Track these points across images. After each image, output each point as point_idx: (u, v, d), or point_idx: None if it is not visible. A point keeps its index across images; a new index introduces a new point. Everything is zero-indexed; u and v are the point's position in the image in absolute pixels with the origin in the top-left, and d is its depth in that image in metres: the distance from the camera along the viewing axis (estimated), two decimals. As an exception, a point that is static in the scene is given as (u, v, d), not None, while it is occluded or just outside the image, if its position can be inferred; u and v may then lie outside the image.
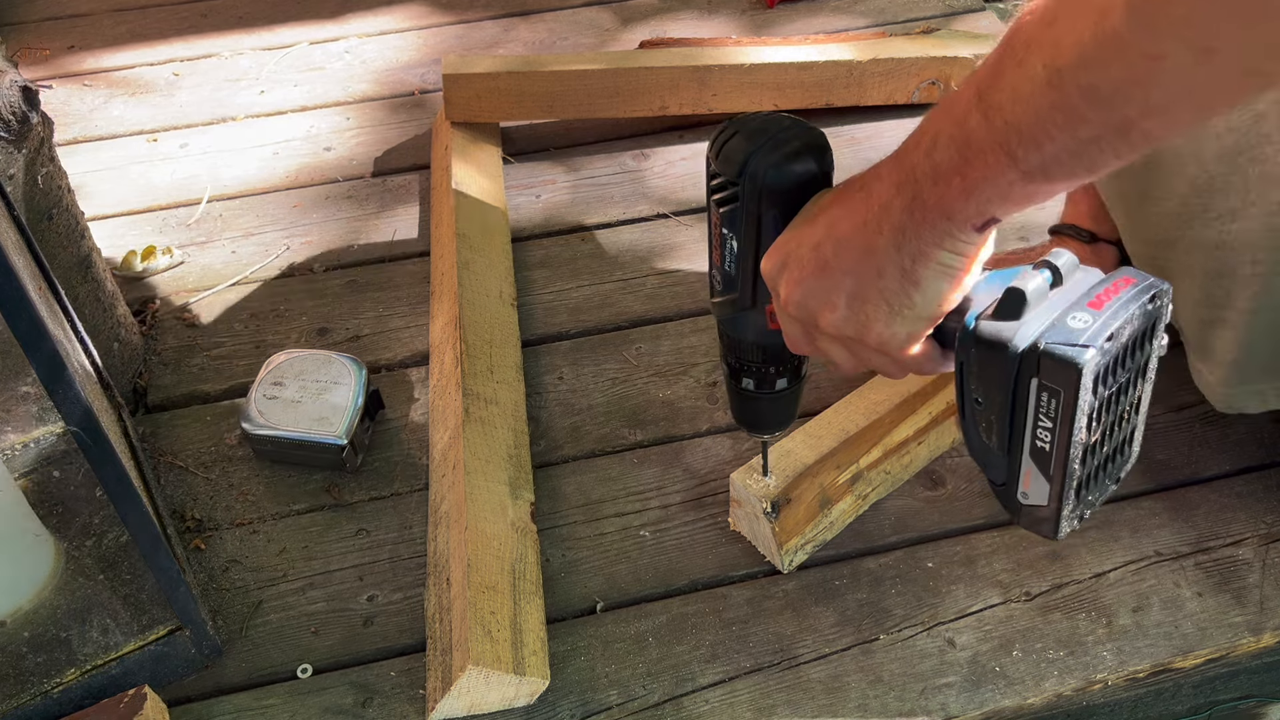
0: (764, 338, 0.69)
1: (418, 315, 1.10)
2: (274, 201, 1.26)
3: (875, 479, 0.88)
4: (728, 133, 0.63)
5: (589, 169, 1.28)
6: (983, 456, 0.61)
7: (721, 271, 0.67)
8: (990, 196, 0.52)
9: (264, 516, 0.92)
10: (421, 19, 1.57)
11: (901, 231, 0.55)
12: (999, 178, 0.50)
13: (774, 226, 0.62)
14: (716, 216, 0.64)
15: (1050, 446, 0.56)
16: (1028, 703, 0.78)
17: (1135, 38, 0.42)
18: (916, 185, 0.54)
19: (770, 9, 1.53)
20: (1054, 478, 0.58)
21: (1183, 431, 0.94)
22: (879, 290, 0.57)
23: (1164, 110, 0.45)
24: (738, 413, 0.76)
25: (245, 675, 0.82)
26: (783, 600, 0.84)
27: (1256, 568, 0.84)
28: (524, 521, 0.87)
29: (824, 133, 0.63)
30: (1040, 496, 0.59)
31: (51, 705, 0.77)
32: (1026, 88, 0.47)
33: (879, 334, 0.59)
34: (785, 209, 0.62)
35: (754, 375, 0.72)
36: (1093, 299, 0.55)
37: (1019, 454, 0.58)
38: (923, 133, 0.54)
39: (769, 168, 0.61)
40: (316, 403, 0.94)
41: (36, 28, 1.58)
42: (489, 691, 0.76)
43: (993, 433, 0.59)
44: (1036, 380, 0.55)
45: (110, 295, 1.01)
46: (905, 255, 0.56)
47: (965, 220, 0.53)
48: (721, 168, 0.63)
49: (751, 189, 0.62)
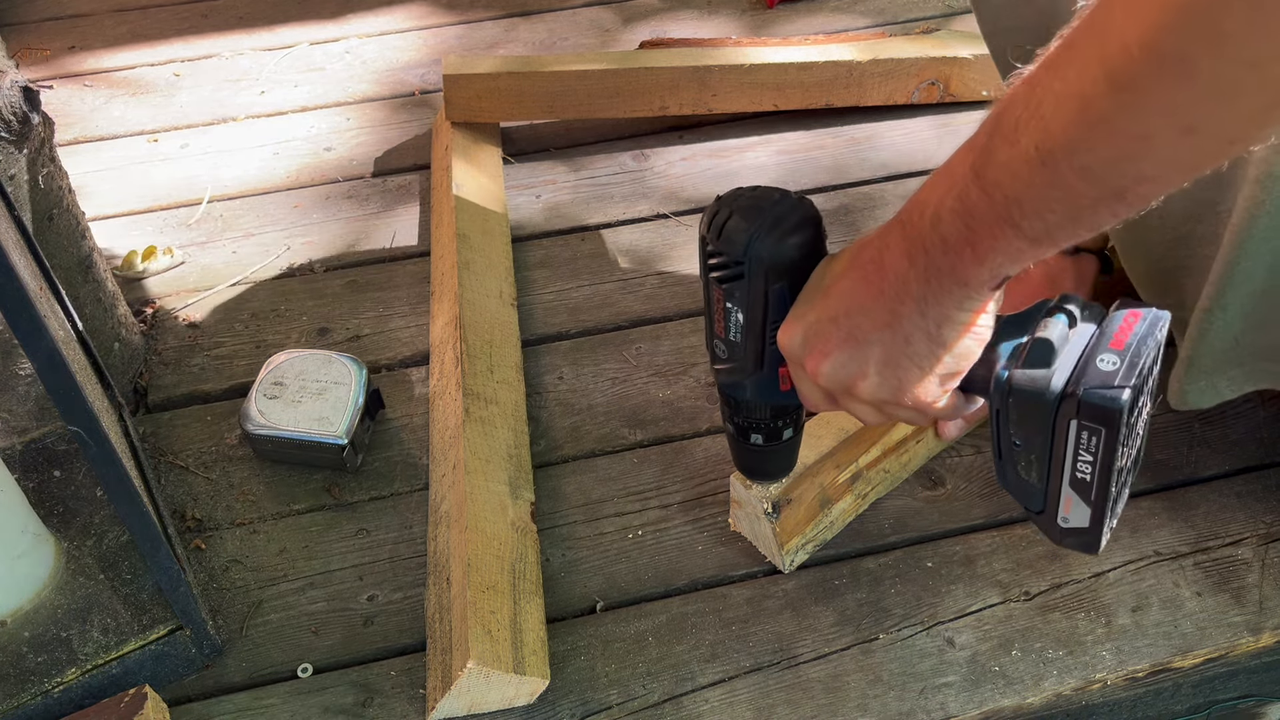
0: (774, 398, 0.71)
1: (418, 315, 1.10)
2: (274, 202, 1.26)
3: (875, 478, 0.88)
4: (723, 214, 0.65)
5: (589, 169, 1.28)
6: (1020, 490, 0.65)
7: (726, 342, 0.69)
8: (1001, 262, 0.54)
9: (264, 516, 0.93)
10: (422, 19, 1.57)
11: (923, 300, 0.58)
12: (1007, 246, 0.53)
13: (781, 297, 0.65)
14: (719, 292, 0.66)
15: (1091, 477, 0.61)
16: (1027, 702, 0.78)
17: (1121, 122, 0.44)
18: (928, 256, 0.56)
19: (770, 9, 1.53)
20: (1095, 503, 0.62)
21: (1182, 431, 0.94)
22: (908, 356, 0.60)
23: (1156, 178, 0.47)
24: (747, 466, 0.79)
25: (245, 675, 0.82)
26: (782, 600, 0.84)
27: (1255, 567, 0.84)
28: (524, 521, 0.87)
29: (811, 201, 0.66)
30: (1081, 520, 0.63)
31: (52, 705, 0.77)
32: (1022, 168, 0.49)
33: (914, 395, 0.62)
34: (792, 280, 0.65)
35: (762, 431, 0.74)
36: (1113, 339, 0.59)
37: (1058, 485, 0.63)
38: (924, 203, 0.56)
39: (774, 245, 0.63)
40: (317, 403, 0.94)
41: (37, 28, 1.58)
42: (489, 691, 0.76)
43: (1032, 470, 0.63)
44: (1076, 422, 0.59)
45: (111, 295, 1.01)
46: (930, 321, 0.59)
47: (981, 284, 0.56)
48: (724, 248, 0.64)
49: (758, 267, 0.64)
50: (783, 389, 0.69)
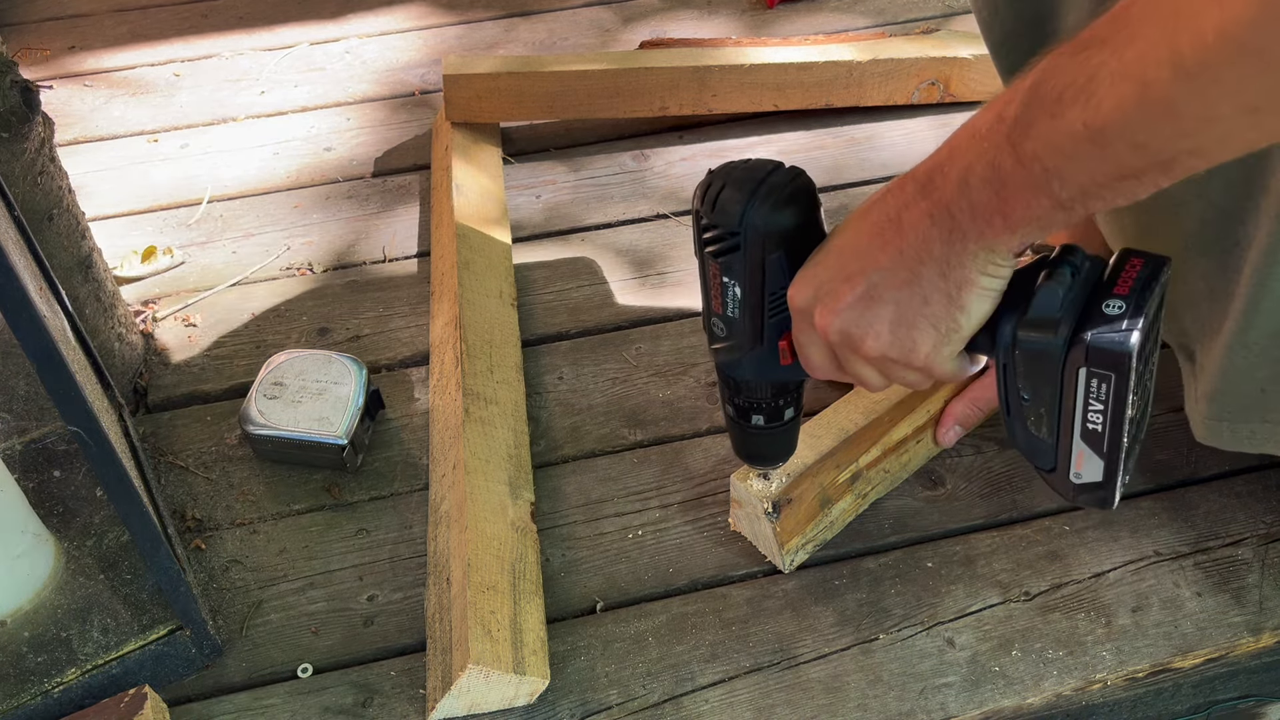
0: (774, 374, 0.71)
1: (418, 315, 1.10)
2: (274, 202, 1.26)
3: (875, 478, 0.88)
4: (715, 186, 0.64)
5: (589, 169, 1.28)
6: (1030, 448, 0.65)
7: (724, 319, 0.68)
8: (1032, 230, 0.54)
9: (264, 516, 0.93)
10: (422, 19, 1.57)
11: (945, 262, 0.58)
12: (1041, 215, 0.53)
13: (778, 266, 0.65)
14: (715, 266, 0.66)
15: (1103, 427, 0.61)
16: (1027, 702, 0.78)
17: (1189, 105, 0.44)
18: (954, 220, 0.56)
19: (770, 9, 1.53)
20: (1108, 454, 0.62)
21: (1182, 431, 0.94)
22: (925, 316, 0.60)
23: (1208, 152, 0.47)
24: (748, 450, 0.78)
25: (245, 675, 0.82)
26: (782, 600, 0.84)
27: (1256, 568, 0.84)
28: (524, 521, 0.87)
29: (804, 171, 0.66)
30: (1094, 474, 0.63)
31: (52, 705, 0.77)
32: (1066, 141, 0.49)
33: (925, 355, 0.62)
34: (789, 249, 0.64)
35: (763, 411, 0.74)
36: (1117, 284, 0.59)
37: (1069, 439, 0.62)
38: (947, 167, 0.56)
39: (769, 213, 0.63)
40: (317, 403, 0.94)
41: (37, 28, 1.58)
42: (489, 691, 0.76)
43: (1042, 424, 0.63)
44: (1085, 369, 0.58)
45: (111, 295, 1.01)
46: (950, 283, 0.58)
47: (1007, 249, 0.57)
48: (718, 219, 0.64)
49: (754, 236, 0.63)
50: (783, 363, 0.69)
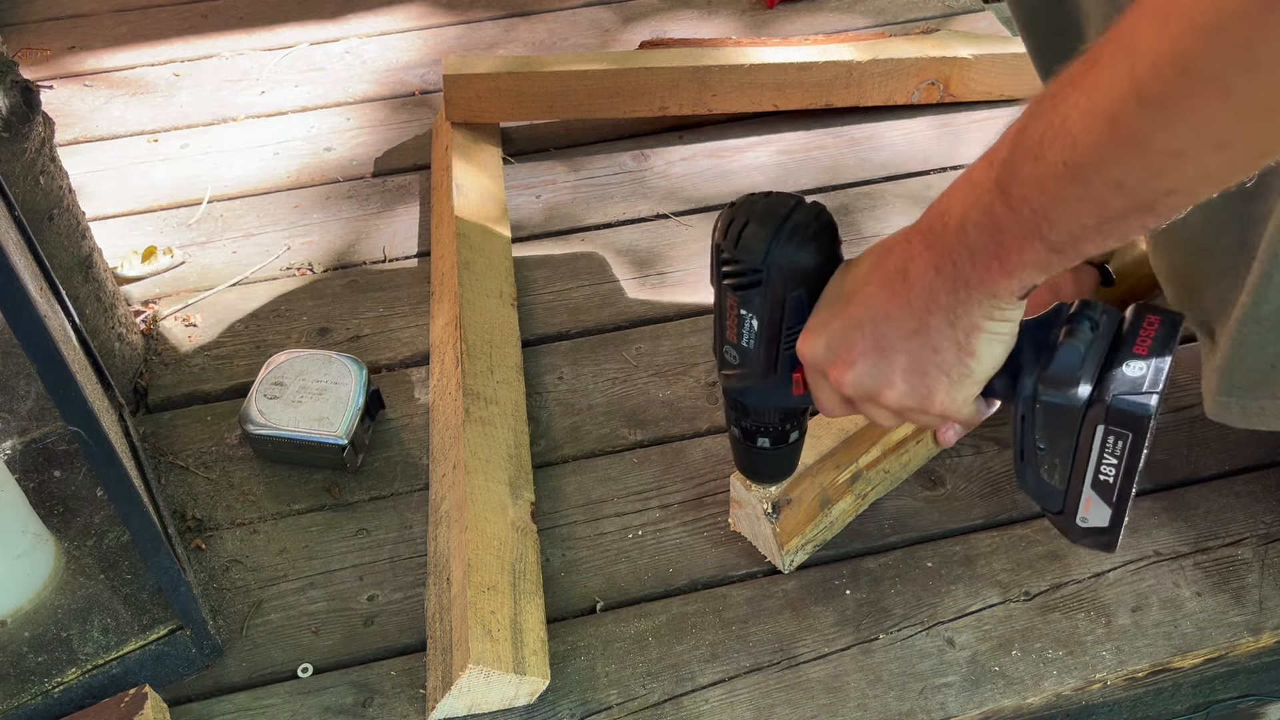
0: (785, 402, 0.71)
1: (418, 315, 1.10)
2: (274, 202, 1.26)
3: (874, 478, 0.88)
4: (739, 221, 0.65)
5: (589, 169, 1.28)
6: (1039, 492, 0.67)
7: (738, 349, 0.68)
8: (1030, 273, 0.55)
9: (264, 516, 0.93)
10: (422, 19, 1.57)
11: (951, 310, 0.58)
12: (1034, 258, 0.54)
13: (798, 304, 0.65)
14: (733, 299, 0.66)
15: (1114, 479, 0.63)
16: (1027, 702, 0.78)
17: (1156, 140, 0.44)
18: (956, 267, 0.57)
19: (770, 9, 1.53)
20: (1117, 504, 0.65)
21: (1182, 431, 0.94)
22: (936, 365, 0.61)
23: (1187, 190, 0.47)
24: (752, 469, 0.79)
25: (245, 675, 0.82)
26: (782, 600, 0.84)
27: (1255, 567, 0.84)
28: (524, 521, 0.87)
29: (825, 207, 0.66)
30: (1101, 520, 0.66)
31: (52, 705, 0.77)
32: (1050, 183, 0.50)
33: (941, 402, 0.63)
34: (809, 288, 0.65)
35: (770, 435, 0.74)
36: (1136, 344, 0.61)
37: (1079, 487, 0.64)
38: (946, 214, 0.57)
39: (793, 252, 0.63)
40: (317, 403, 0.94)
41: (37, 28, 1.58)
42: (489, 691, 0.76)
43: (1055, 473, 0.65)
44: (1104, 427, 0.61)
45: (111, 295, 1.01)
46: (959, 331, 0.59)
47: (1009, 294, 0.57)
48: (741, 255, 0.64)
49: (777, 274, 0.64)
50: (795, 393, 0.70)
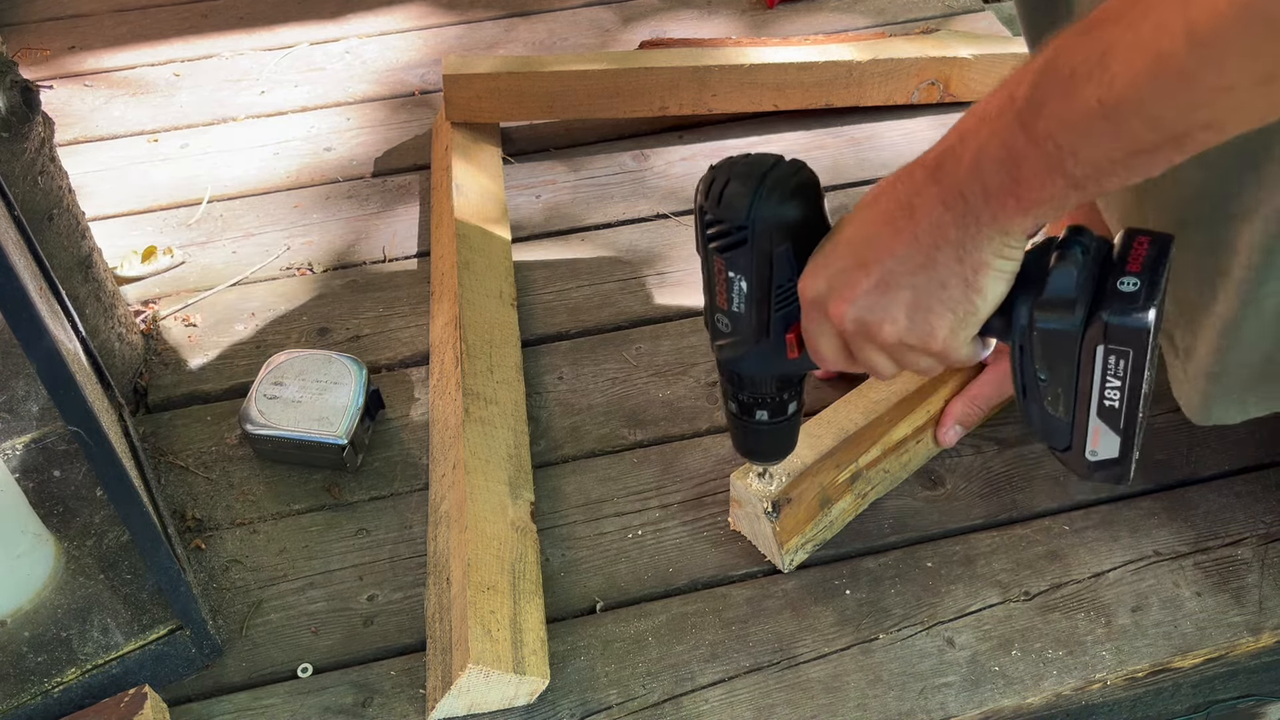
0: (780, 368, 0.71)
1: (418, 315, 1.10)
2: (274, 202, 1.26)
3: (874, 478, 0.88)
4: (720, 181, 0.64)
5: (589, 169, 1.28)
6: (1046, 428, 0.66)
7: (729, 314, 0.68)
8: (1046, 209, 0.55)
9: (264, 516, 0.93)
10: (422, 19, 1.57)
11: (960, 246, 0.58)
12: (1055, 195, 0.53)
13: (786, 260, 0.65)
14: (720, 262, 0.66)
15: (1119, 403, 0.62)
16: (1027, 702, 0.78)
17: (1203, 76, 0.45)
18: (967, 203, 0.56)
19: (770, 9, 1.53)
20: (1124, 430, 0.63)
21: (1181, 431, 0.94)
22: (942, 301, 0.61)
23: (1222, 124, 0.48)
24: (751, 446, 0.78)
25: (245, 675, 0.82)
26: (782, 600, 0.84)
27: (1255, 567, 0.84)
28: (524, 521, 0.87)
29: (806, 163, 0.66)
30: (1110, 450, 0.65)
31: (52, 705, 0.77)
32: (1079, 119, 0.50)
33: (943, 339, 0.62)
34: (796, 241, 0.64)
35: (767, 406, 0.74)
36: (1129, 263, 0.60)
37: (1085, 416, 0.64)
38: (958, 150, 0.56)
39: (776, 206, 0.63)
40: (317, 403, 0.94)
41: (37, 28, 1.58)
42: (489, 691, 0.76)
43: (1059, 404, 0.64)
44: (1104, 347, 0.60)
45: (111, 295, 1.01)
46: (967, 267, 0.59)
47: (1021, 231, 0.57)
48: (724, 214, 0.64)
49: (762, 229, 0.63)
50: (790, 356, 0.69)
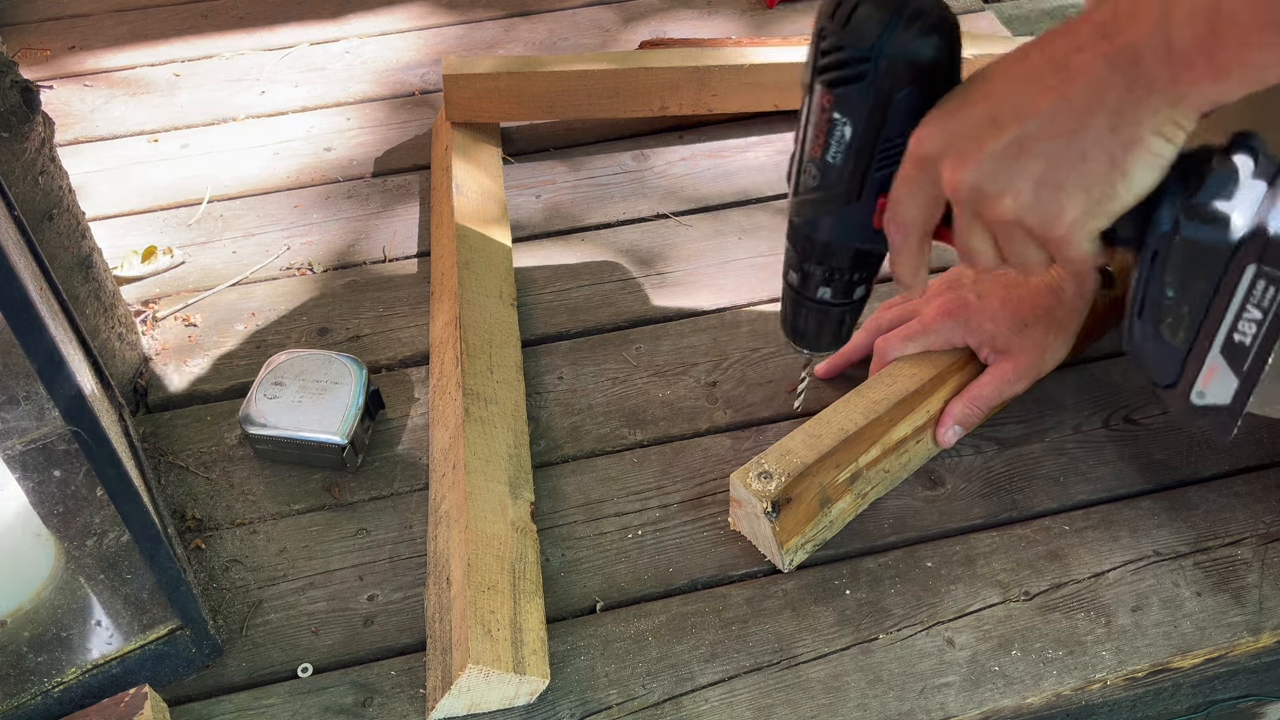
0: (860, 238, 0.63)
1: (418, 315, 1.10)
2: (274, 202, 1.26)
3: (874, 477, 0.88)
4: (850, 1, 0.57)
5: (589, 169, 1.28)
6: (1154, 357, 0.58)
7: (820, 164, 0.60)
8: (1241, 81, 0.47)
9: (264, 516, 0.93)
10: (422, 19, 1.57)
11: (1118, 113, 0.50)
12: (1259, 58, 0.45)
13: (905, 107, 0.57)
14: (828, 98, 0.58)
15: (1252, 340, 0.54)
16: (1027, 702, 0.78)
17: None
18: (1140, 64, 0.48)
19: (770, 9, 1.53)
20: (1248, 373, 0.56)
21: (1181, 432, 0.94)
22: (1080, 176, 0.53)
23: None
24: (801, 327, 0.71)
25: (245, 675, 0.82)
26: (782, 600, 0.84)
27: (1255, 567, 0.84)
28: (524, 521, 0.87)
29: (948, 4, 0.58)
30: (1223, 395, 0.57)
31: (52, 705, 0.77)
32: None
33: (1068, 225, 0.54)
34: (923, 88, 0.57)
35: (833, 283, 0.66)
36: None
37: (1205, 349, 0.56)
38: (1137, 3, 0.49)
39: (911, 39, 0.55)
40: (317, 403, 0.94)
41: (37, 28, 1.58)
42: (489, 690, 0.76)
43: (1180, 328, 0.56)
44: (1256, 268, 0.52)
45: (111, 295, 1.01)
46: (1118, 141, 0.51)
47: (1198, 106, 0.49)
48: (848, 39, 0.56)
49: (887, 65, 0.56)
50: (875, 226, 0.61)
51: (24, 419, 0.92)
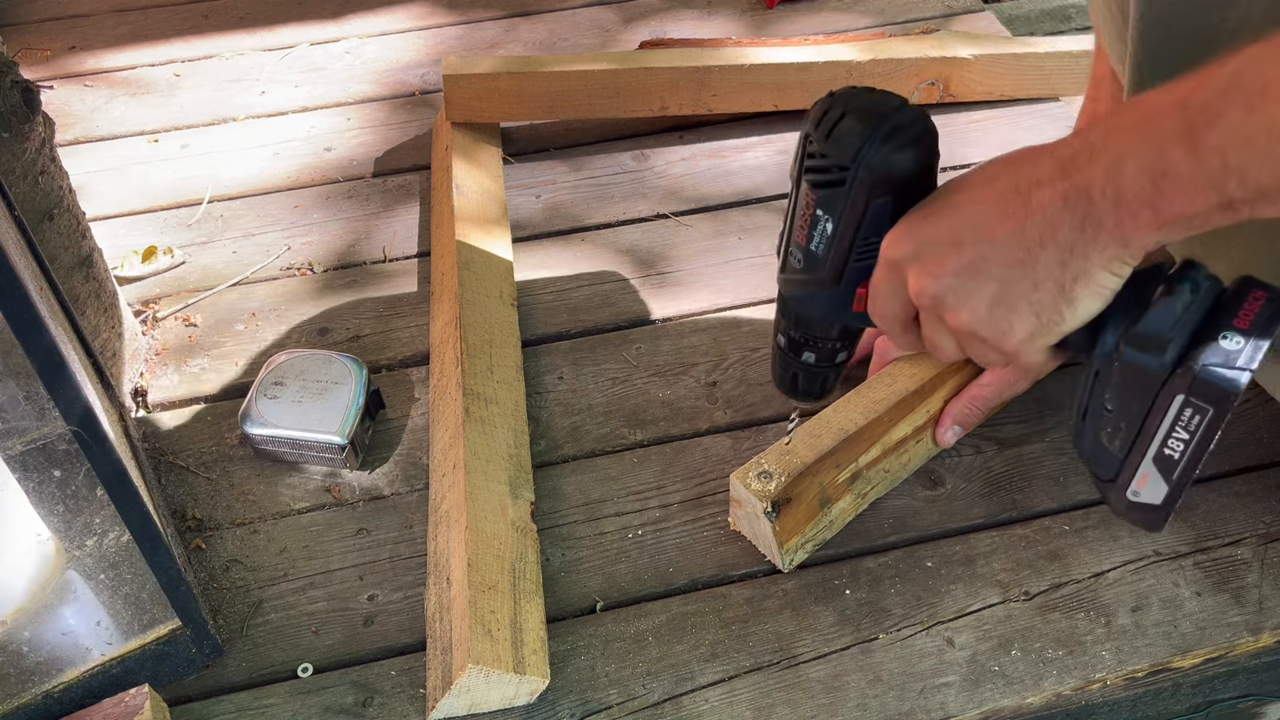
0: (841, 317, 0.67)
1: (418, 315, 1.10)
2: (275, 202, 1.26)
3: (874, 477, 0.88)
4: (835, 112, 0.59)
5: (589, 169, 1.28)
6: (1094, 455, 0.62)
7: (805, 251, 0.63)
8: (1180, 229, 0.50)
9: (264, 516, 0.93)
10: (422, 19, 1.57)
11: (1069, 249, 0.54)
12: (1198, 214, 0.49)
13: (881, 213, 0.60)
14: (811, 196, 0.61)
15: (1180, 455, 0.58)
16: (1026, 702, 0.78)
17: None
18: (1091, 205, 0.52)
19: (770, 9, 1.53)
20: (1176, 482, 0.60)
21: (1182, 431, 0.94)
22: (1030, 303, 0.57)
23: None
24: (790, 384, 0.75)
25: (246, 675, 0.82)
26: (782, 600, 0.84)
27: (1255, 567, 0.84)
28: (524, 521, 0.87)
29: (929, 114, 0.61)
30: (1155, 496, 0.61)
31: (52, 705, 0.77)
32: (1260, 137, 0.46)
33: (1018, 341, 0.58)
34: (897, 198, 0.60)
35: (817, 350, 0.70)
36: (1238, 317, 0.56)
37: (1139, 458, 0.60)
38: (1102, 147, 0.52)
39: (888, 154, 0.58)
40: (317, 403, 0.94)
41: (37, 28, 1.58)
42: (489, 690, 0.76)
43: (1116, 437, 0.60)
44: (1183, 398, 0.56)
45: (111, 295, 1.01)
46: (1068, 274, 0.55)
47: (1142, 247, 0.52)
48: (829, 149, 0.59)
49: (866, 176, 0.59)
50: (857, 309, 0.65)
51: (24, 419, 0.92)
